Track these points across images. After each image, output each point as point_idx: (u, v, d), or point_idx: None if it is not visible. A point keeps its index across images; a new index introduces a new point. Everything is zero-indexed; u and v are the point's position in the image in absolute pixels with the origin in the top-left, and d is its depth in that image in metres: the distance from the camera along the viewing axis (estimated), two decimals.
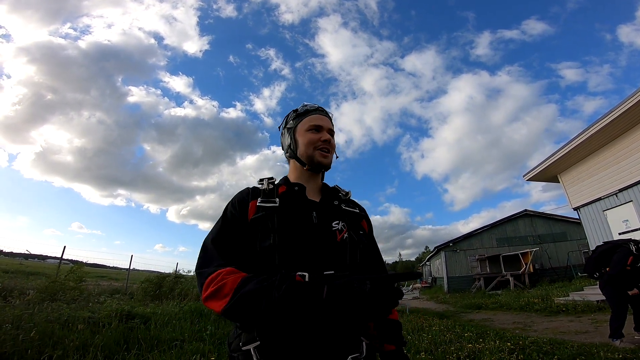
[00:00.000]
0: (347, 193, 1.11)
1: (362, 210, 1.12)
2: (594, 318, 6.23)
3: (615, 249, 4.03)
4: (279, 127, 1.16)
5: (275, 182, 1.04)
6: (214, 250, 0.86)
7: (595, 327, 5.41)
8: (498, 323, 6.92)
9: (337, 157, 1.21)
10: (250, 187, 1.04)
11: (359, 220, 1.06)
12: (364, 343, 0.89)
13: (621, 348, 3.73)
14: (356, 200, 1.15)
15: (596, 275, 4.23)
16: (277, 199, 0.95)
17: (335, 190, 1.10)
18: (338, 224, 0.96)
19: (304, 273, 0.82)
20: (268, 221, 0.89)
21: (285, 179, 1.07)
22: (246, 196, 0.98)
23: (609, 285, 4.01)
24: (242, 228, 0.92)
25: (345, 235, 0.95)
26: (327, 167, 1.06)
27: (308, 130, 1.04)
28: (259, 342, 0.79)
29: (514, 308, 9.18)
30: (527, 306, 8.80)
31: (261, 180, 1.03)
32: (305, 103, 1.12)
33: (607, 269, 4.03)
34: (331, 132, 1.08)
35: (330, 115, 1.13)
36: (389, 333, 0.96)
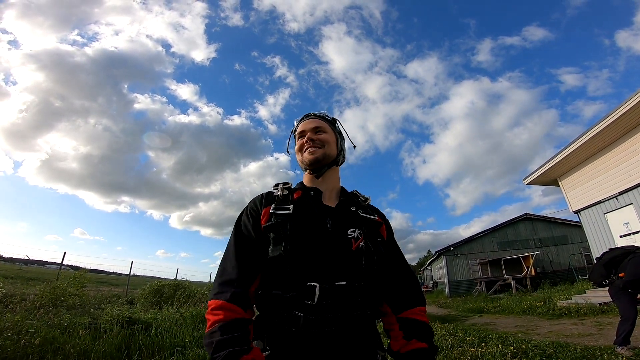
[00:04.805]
0: (367, 199, 1.07)
1: (381, 216, 1.07)
2: (597, 321, 6.19)
3: (626, 256, 3.92)
4: (287, 151, 1.14)
5: (292, 187, 1.02)
6: (223, 272, 0.87)
7: (599, 330, 5.37)
8: (500, 327, 6.88)
9: (354, 146, 1.20)
10: (264, 192, 1.02)
11: (377, 227, 1.00)
12: (379, 356, 0.88)
13: (626, 354, 3.68)
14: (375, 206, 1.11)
15: (605, 282, 4.14)
16: (291, 206, 0.92)
17: (354, 195, 1.06)
18: (354, 231, 0.92)
19: (315, 283, 0.81)
20: (280, 229, 0.87)
21: (301, 184, 1.06)
22: (259, 203, 0.98)
23: (623, 291, 3.93)
24: (254, 238, 0.92)
25: (361, 243, 0.91)
26: (318, 162, 1.01)
27: (297, 140, 1.08)
28: (269, 352, 0.79)
29: (516, 312, 9.12)
30: (530, 310, 8.74)
31: (276, 185, 1.01)
32: (297, 118, 1.13)
33: (620, 275, 3.94)
34: (317, 129, 1.04)
35: (320, 114, 1.11)
36: (418, 331, 0.91)
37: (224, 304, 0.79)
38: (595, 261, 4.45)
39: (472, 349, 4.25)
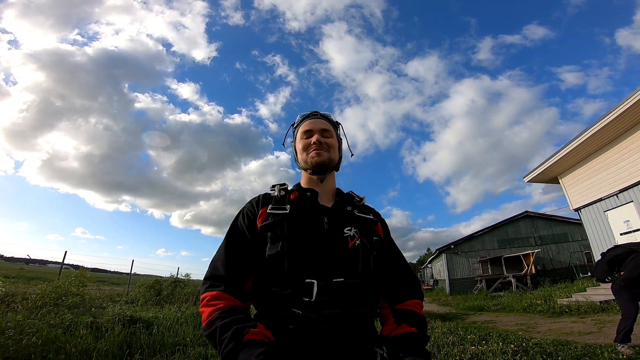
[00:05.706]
0: (362, 199, 1.10)
1: (376, 215, 1.10)
2: (597, 319, 6.21)
3: (630, 254, 3.91)
4: (283, 144, 1.16)
5: (288, 188, 1.04)
6: (213, 269, 0.89)
7: (599, 328, 5.39)
8: (501, 325, 6.90)
9: (352, 154, 1.20)
10: (261, 194, 1.04)
11: (373, 226, 1.03)
12: (378, 354, 0.88)
13: (626, 352, 3.69)
14: (371, 206, 1.13)
15: (608, 279, 4.14)
16: (288, 206, 0.95)
17: (350, 196, 1.09)
18: (350, 230, 0.95)
19: (312, 280, 0.82)
20: (277, 228, 0.89)
21: (297, 185, 1.09)
22: (255, 205, 1.00)
23: (625, 289, 3.94)
24: (249, 239, 0.93)
25: (358, 241, 0.93)
26: (323, 165, 1.02)
27: (302, 137, 1.07)
28: (264, 348, 0.78)
29: (516, 309, 9.15)
30: (530, 307, 8.78)
31: (273, 186, 1.03)
32: (302, 113, 1.13)
33: (622, 272, 3.95)
34: (325, 132, 1.05)
35: (326, 115, 1.12)
36: (410, 318, 0.91)
37: (219, 294, 0.80)
38: (600, 257, 4.43)
39: (473, 347, 4.26)
